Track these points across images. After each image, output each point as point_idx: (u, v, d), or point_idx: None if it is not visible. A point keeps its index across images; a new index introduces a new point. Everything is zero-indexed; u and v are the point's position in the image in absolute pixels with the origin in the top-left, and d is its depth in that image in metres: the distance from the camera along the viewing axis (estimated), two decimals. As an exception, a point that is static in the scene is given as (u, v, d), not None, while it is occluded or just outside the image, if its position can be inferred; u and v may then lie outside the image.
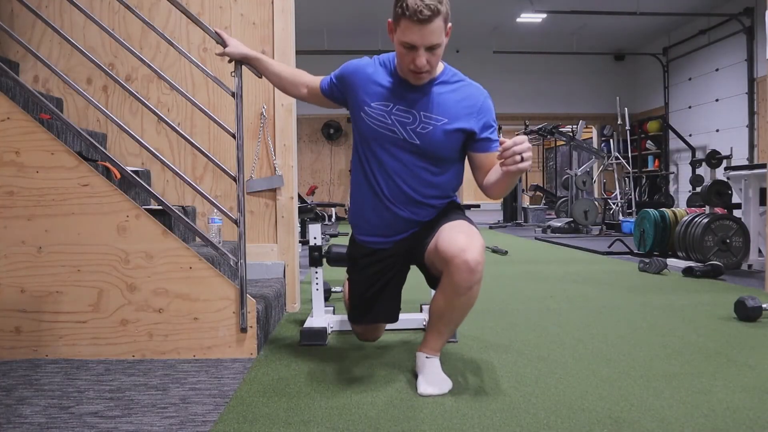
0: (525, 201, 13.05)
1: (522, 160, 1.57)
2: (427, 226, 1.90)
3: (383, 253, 1.97)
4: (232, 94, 2.16)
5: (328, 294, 3.10)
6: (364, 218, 1.97)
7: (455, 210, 1.94)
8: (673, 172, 11.22)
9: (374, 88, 1.88)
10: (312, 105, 2.13)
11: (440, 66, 1.88)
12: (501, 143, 1.59)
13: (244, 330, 2.09)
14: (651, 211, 5.33)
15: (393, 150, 1.85)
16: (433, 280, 1.91)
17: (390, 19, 1.76)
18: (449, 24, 1.73)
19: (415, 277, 2.05)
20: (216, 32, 2.13)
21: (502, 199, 11.51)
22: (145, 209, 2.15)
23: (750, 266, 4.35)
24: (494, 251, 5.81)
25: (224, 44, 2.12)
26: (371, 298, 2.01)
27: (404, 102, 1.84)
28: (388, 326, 2.50)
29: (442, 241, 1.73)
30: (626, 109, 10.76)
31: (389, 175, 1.87)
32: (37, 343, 2.07)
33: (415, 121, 1.82)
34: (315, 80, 2.08)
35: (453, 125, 1.82)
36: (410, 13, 1.64)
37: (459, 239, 1.69)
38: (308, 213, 6.84)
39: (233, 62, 2.14)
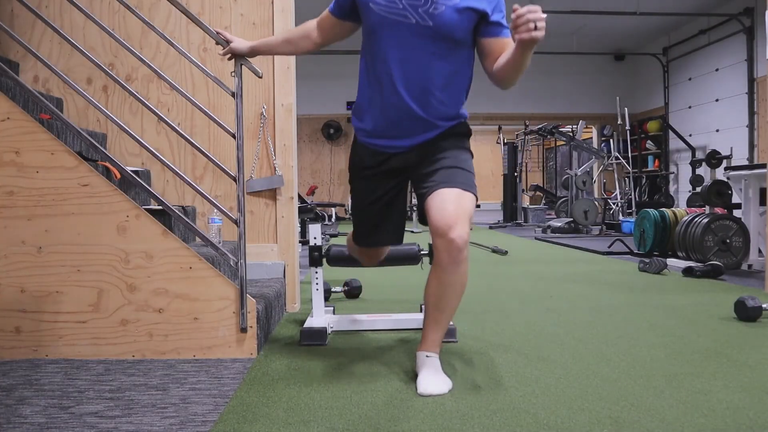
0: (525, 201, 13.05)
1: (536, 28, 1.54)
2: (430, 152, 1.87)
3: (386, 164, 1.94)
4: (232, 94, 2.16)
5: (328, 294, 3.10)
6: (370, 115, 1.92)
7: (460, 150, 1.90)
8: (673, 172, 11.22)
9: None
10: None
11: None
12: (514, 9, 1.55)
13: (244, 330, 2.09)
14: (651, 211, 5.33)
15: (405, 37, 1.81)
16: (425, 217, 1.89)
17: None
18: None
19: (415, 276, 2.05)
20: (217, 32, 2.13)
21: (501, 200, 11.51)
22: (145, 209, 2.15)
23: (750, 266, 4.35)
24: (494, 251, 5.81)
25: (228, 42, 2.12)
26: (375, 216, 2.01)
27: None
28: (389, 326, 2.51)
29: (432, 210, 1.77)
30: (626, 109, 10.76)
31: (401, 65, 1.82)
32: (37, 343, 2.07)
33: (427, 2, 1.78)
34: (322, 16, 2.04)
35: (464, 3, 1.77)
36: None
37: (447, 212, 1.73)
38: (308, 213, 6.84)
39: (233, 62, 2.14)
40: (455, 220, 1.72)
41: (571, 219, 8.43)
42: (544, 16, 1.55)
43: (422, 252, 2.52)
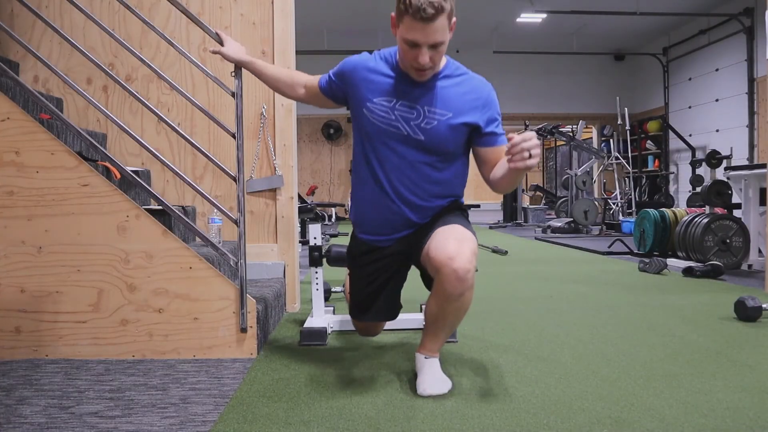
0: (525, 201, 13.05)
1: (530, 156, 1.55)
2: (426, 225, 1.88)
3: (383, 251, 1.96)
4: (232, 94, 2.16)
5: (328, 294, 3.10)
6: (365, 216, 1.95)
7: (454, 211, 1.92)
8: (673, 172, 11.22)
9: (376, 84, 1.84)
10: (312, 105, 2.12)
11: (443, 60, 1.85)
12: (509, 139, 1.57)
13: (244, 330, 2.09)
14: (651, 211, 5.33)
15: (396, 146, 1.83)
16: (428, 280, 1.90)
17: (393, 13, 1.73)
18: (453, 19, 1.71)
19: (415, 276, 2.05)
20: (216, 33, 2.13)
21: (501, 200, 11.52)
22: (145, 209, 2.15)
23: (750, 266, 4.35)
24: (494, 251, 5.82)
25: (221, 44, 2.11)
26: (371, 296, 2.01)
27: (407, 97, 1.81)
28: (388, 326, 2.50)
29: (433, 248, 1.71)
30: (626, 109, 10.76)
31: (392, 172, 1.85)
32: (37, 343, 2.07)
33: (419, 117, 1.80)
34: (313, 80, 2.05)
35: (458, 119, 1.80)
36: (413, 10, 1.61)
37: (449, 246, 1.67)
38: (308, 213, 6.84)
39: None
40: (457, 252, 1.65)
41: (571, 219, 8.43)
42: (538, 143, 1.57)
43: None
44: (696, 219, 4.55)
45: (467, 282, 1.65)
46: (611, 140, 11.47)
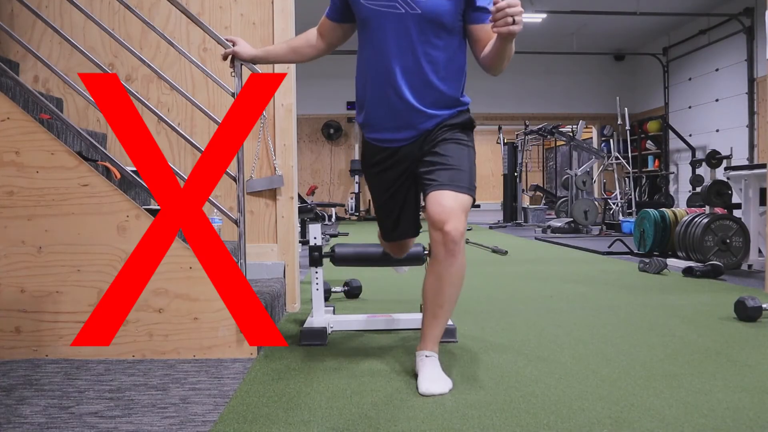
0: (525, 201, 13.05)
1: (514, 22, 1.56)
2: (432, 146, 1.88)
3: (394, 157, 1.96)
4: (232, 94, 2.16)
5: (328, 294, 3.10)
6: (370, 109, 1.94)
7: (460, 146, 1.90)
8: (673, 172, 11.22)
9: None
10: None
11: None
12: (494, 3, 1.57)
13: (244, 330, 2.09)
14: (651, 211, 5.33)
15: (395, 27, 1.82)
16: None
17: None
18: None
19: (415, 277, 2.05)
20: (227, 39, 2.13)
21: (501, 200, 11.51)
22: (145, 209, 2.15)
23: (750, 266, 4.35)
24: (494, 251, 5.81)
25: (234, 44, 2.12)
26: (393, 214, 2.07)
27: None
28: (389, 326, 2.51)
29: (429, 206, 1.79)
30: (626, 109, 10.76)
31: (394, 55, 1.84)
32: (37, 343, 2.07)
33: None
34: (320, 22, 2.06)
35: None
36: None
37: (443, 208, 1.76)
38: (308, 213, 6.84)
39: (233, 62, 2.14)
40: (450, 214, 1.75)
41: (571, 219, 8.43)
42: (522, 10, 1.58)
43: (426, 253, 2.52)
44: (696, 219, 4.55)
45: (460, 245, 1.77)
46: (611, 140, 11.47)
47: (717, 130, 10.00)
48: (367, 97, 1.94)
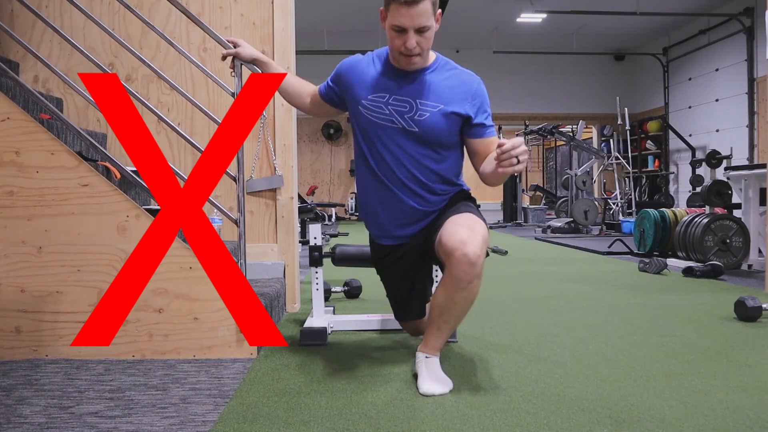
0: (525, 201, 13.05)
1: (518, 162, 1.61)
2: (438, 217, 1.92)
3: (401, 249, 2.00)
4: (232, 94, 2.16)
5: (328, 294, 3.10)
6: (374, 214, 1.99)
7: (463, 201, 1.96)
8: (673, 172, 11.22)
9: (370, 81, 1.92)
10: (314, 115, 2.16)
11: (432, 55, 1.92)
12: (500, 146, 1.62)
13: (244, 330, 2.09)
14: (651, 211, 5.33)
15: (394, 140, 1.88)
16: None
17: (381, 7, 1.80)
18: (439, 10, 1.79)
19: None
20: (228, 40, 2.14)
21: (501, 200, 11.51)
22: (145, 209, 2.15)
23: (750, 266, 4.35)
24: (494, 251, 5.81)
25: (236, 45, 2.13)
26: (405, 297, 2.09)
27: (400, 91, 1.88)
28: (388, 326, 2.51)
29: (445, 234, 1.76)
30: (626, 109, 10.76)
31: (393, 166, 1.90)
32: (37, 343, 2.07)
33: (412, 110, 1.86)
34: (316, 89, 2.13)
35: (448, 110, 1.86)
36: None
37: (460, 232, 1.72)
38: (308, 213, 6.84)
39: (233, 62, 2.14)
40: (468, 238, 1.70)
41: (571, 219, 8.43)
42: (527, 149, 1.63)
43: None
44: (696, 219, 4.55)
45: (477, 267, 1.69)
46: (611, 140, 11.48)
47: (717, 130, 9.99)
48: (367, 200, 1.99)
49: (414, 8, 1.71)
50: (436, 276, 2.26)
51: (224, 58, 2.14)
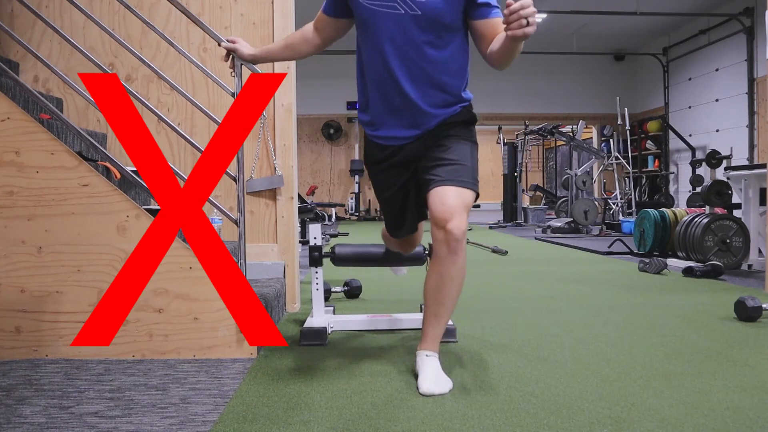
0: (525, 201, 13.06)
1: (528, 24, 1.54)
2: (434, 143, 1.89)
3: (398, 154, 1.96)
4: (232, 94, 2.16)
5: (328, 294, 3.10)
6: (374, 108, 1.94)
7: (463, 142, 1.91)
8: (673, 172, 11.22)
9: None
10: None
11: None
12: (508, 5, 1.54)
13: (244, 330, 2.09)
14: (651, 211, 5.33)
15: (394, 27, 1.82)
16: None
17: None
18: None
19: (415, 277, 2.05)
20: (228, 40, 2.14)
21: (501, 200, 11.52)
22: (145, 209, 2.15)
23: (750, 266, 4.35)
24: (494, 251, 5.81)
25: (233, 44, 2.12)
26: (400, 210, 2.08)
27: None
28: (389, 326, 2.51)
29: (432, 204, 1.80)
30: (626, 109, 10.76)
31: (393, 57, 1.84)
32: (37, 343, 2.07)
33: None
34: (317, 17, 2.06)
35: None
36: None
37: (446, 206, 1.76)
38: (308, 213, 6.84)
39: (233, 61, 2.14)
40: (453, 212, 1.75)
41: (571, 219, 8.43)
42: (536, 10, 1.55)
43: (426, 253, 2.52)
44: (696, 219, 4.55)
45: (461, 242, 1.77)
46: (611, 140, 11.48)
47: (717, 130, 10.00)
48: (369, 96, 1.95)
49: None
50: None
51: (227, 58, 2.14)
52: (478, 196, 1.89)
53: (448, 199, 1.78)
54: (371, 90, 1.93)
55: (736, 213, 4.58)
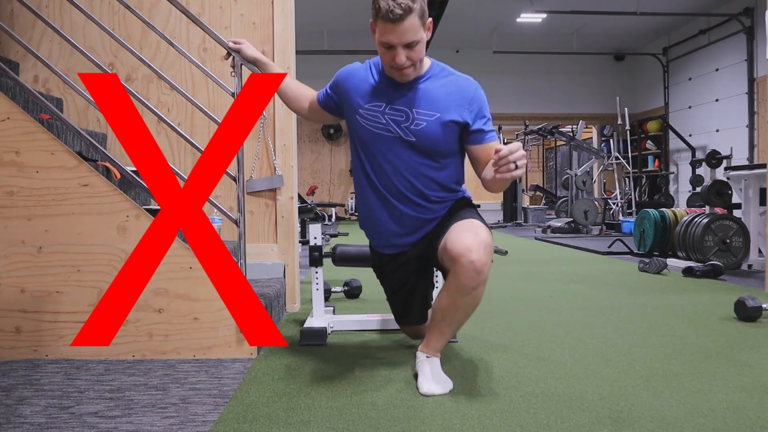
0: (525, 201, 13.06)
1: (516, 167, 1.58)
2: (440, 225, 1.91)
3: (403, 257, 1.99)
4: (232, 94, 2.16)
5: (328, 294, 3.10)
6: (373, 221, 1.97)
7: (466, 208, 1.94)
8: (673, 172, 11.22)
9: (366, 90, 1.90)
10: (312, 121, 2.15)
11: (427, 62, 1.89)
12: (497, 151, 1.58)
13: (244, 330, 2.09)
14: (651, 211, 5.33)
15: (392, 149, 1.86)
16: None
17: (371, 20, 1.78)
18: (428, 19, 1.76)
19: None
20: (231, 41, 2.14)
21: (501, 200, 11.52)
22: (145, 209, 2.15)
23: (750, 266, 4.35)
24: (494, 251, 5.81)
25: (237, 44, 2.13)
26: (405, 303, 2.08)
27: (396, 101, 1.85)
28: (389, 326, 2.51)
29: (450, 241, 1.74)
30: (626, 109, 10.77)
31: (391, 175, 1.88)
32: (37, 343, 2.07)
33: (409, 119, 1.84)
34: (315, 95, 2.11)
35: (445, 118, 1.83)
36: (383, 14, 1.67)
37: (466, 238, 1.70)
38: (308, 213, 6.84)
39: (233, 61, 2.15)
40: (474, 244, 1.68)
41: (571, 219, 8.43)
42: (524, 154, 1.58)
43: None
44: (696, 219, 4.55)
45: (483, 274, 1.68)
46: (611, 140, 11.48)
47: (717, 130, 9.99)
48: (367, 210, 1.97)
49: (400, 25, 1.67)
50: (437, 281, 2.26)
51: (227, 57, 2.15)
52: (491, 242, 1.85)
53: (465, 234, 1.72)
54: (367, 202, 1.96)
55: (736, 213, 4.58)
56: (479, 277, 1.68)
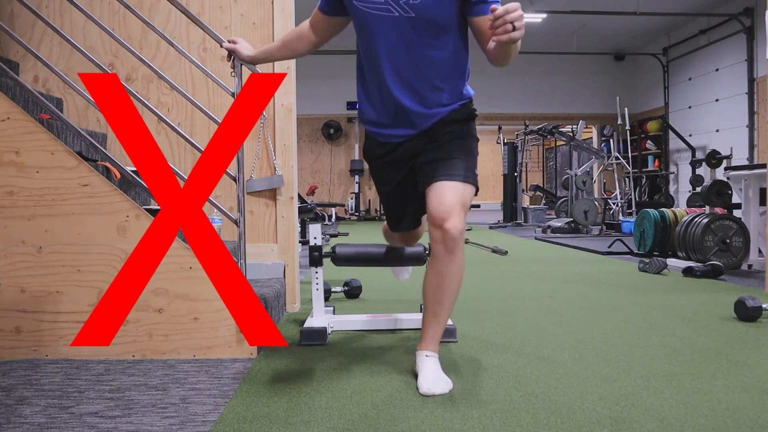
0: (525, 201, 13.06)
1: (514, 29, 1.51)
2: (433, 139, 1.89)
3: (394, 153, 1.97)
4: (232, 94, 2.16)
5: (328, 294, 3.10)
6: (371, 107, 1.94)
7: (462, 138, 1.90)
8: (673, 172, 11.22)
9: None
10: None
11: None
12: (492, 10, 1.51)
13: (244, 330, 2.09)
14: (651, 211, 5.33)
15: (391, 31, 1.81)
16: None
17: None
18: None
19: (414, 277, 2.05)
20: (229, 40, 2.14)
21: (501, 200, 11.52)
22: (145, 209, 2.15)
23: (750, 266, 4.35)
24: (494, 251, 5.81)
25: (234, 49, 2.13)
26: (399, 206, 2.10)
27: None
28: (389, 326, 2.51)
29: (430, 202, 1.79)
30: (626, 109, 10.77)
31: (390, 59, 1.83)
32: (37, 343, 2.07)
33: None
34: (313, 15, 2.05)
35: None
36: None
37: (444, 205, 1.75)
38: (308, 213, 6.84)
39: (233, 61, 2.15)
40: (450, 211, 1.75)
41: (571, 219, 8.43)
42: (522, 14, 1.51)
43: (426, 253, 2.52)
44: (696, 219, 4.55)
45: (459, 242, 1.77)
46: (611, 140, 11.49)
47: (717, 130, 10.00)
48: (366, 96, 1.95)
49: None
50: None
51: (228, 58, 2.15)
52: (477, 189, 1.89)
53: (445, 198, 1.78)
54: (368, 91, 1.93)
55: (736, 213, 4.58)
56: (456, 244, 1.76)
